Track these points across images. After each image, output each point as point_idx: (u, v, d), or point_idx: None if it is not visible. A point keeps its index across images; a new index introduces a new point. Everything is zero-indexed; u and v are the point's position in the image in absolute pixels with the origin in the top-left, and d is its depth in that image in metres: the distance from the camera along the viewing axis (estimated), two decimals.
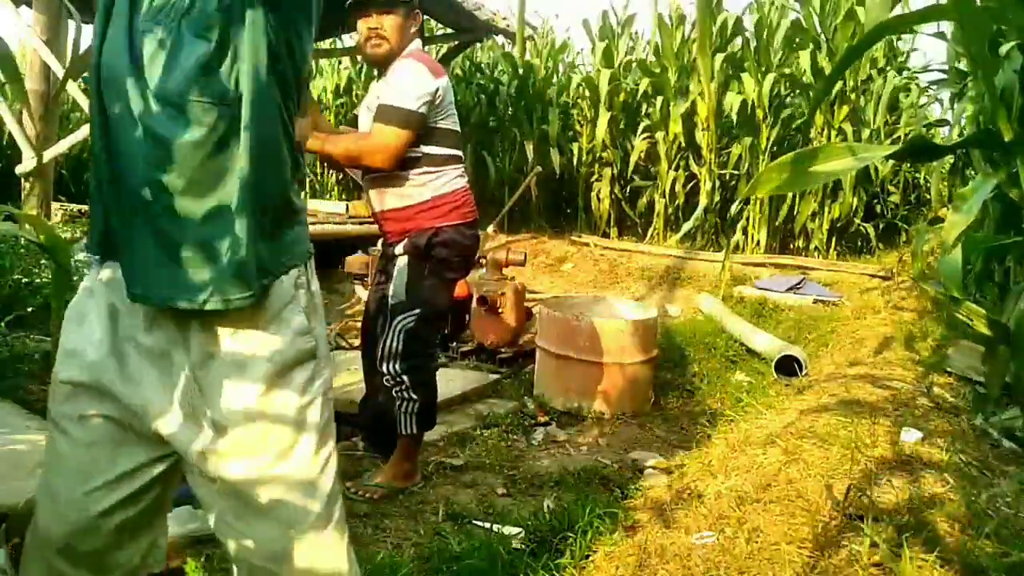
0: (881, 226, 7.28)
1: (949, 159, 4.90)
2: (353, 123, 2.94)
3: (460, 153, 2.72)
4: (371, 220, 3.01)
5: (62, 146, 5.21)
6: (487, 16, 7.20)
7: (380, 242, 2.95)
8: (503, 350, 4.59)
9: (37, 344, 3.72)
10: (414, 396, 2.62)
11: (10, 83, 1.27)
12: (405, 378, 2.61)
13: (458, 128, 2.71)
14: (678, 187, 7.62)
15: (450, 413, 3.61)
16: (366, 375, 2.86)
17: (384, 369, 2.63)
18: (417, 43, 2.65)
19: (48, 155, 4.98)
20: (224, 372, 1.08)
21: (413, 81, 2.51)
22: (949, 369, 3.50)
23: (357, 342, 3.65)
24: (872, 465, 2.30)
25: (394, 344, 2.61)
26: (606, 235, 7.98)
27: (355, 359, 3.43)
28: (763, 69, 7.16)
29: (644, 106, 8.08)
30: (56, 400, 1.14)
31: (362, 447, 3.03)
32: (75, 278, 2.29)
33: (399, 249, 2.63)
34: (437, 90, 2.54)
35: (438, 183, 2.61)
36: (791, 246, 7.35)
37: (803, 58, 6.91)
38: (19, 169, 5.07)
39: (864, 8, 6.23)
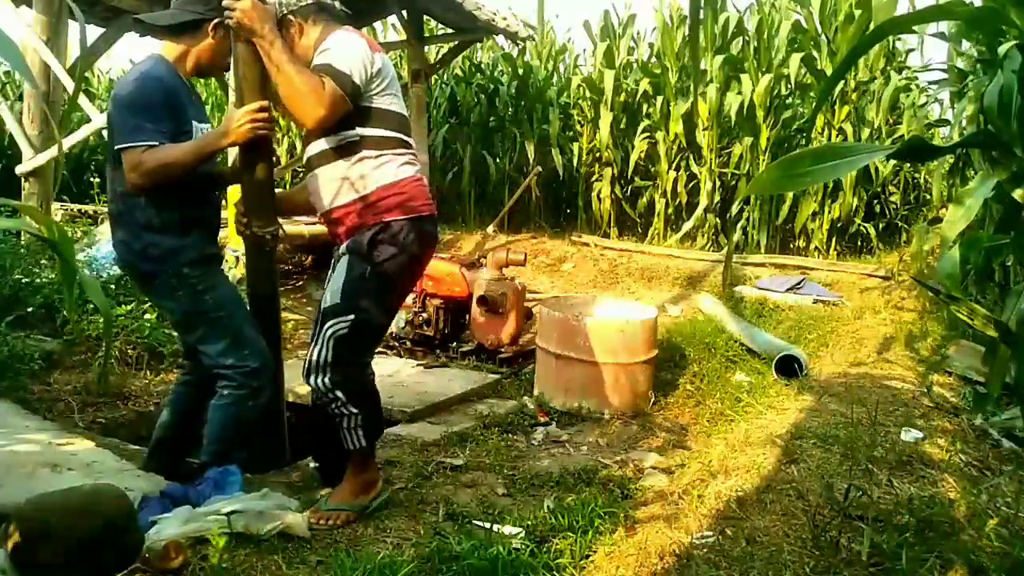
0: (881, 226, 7.27)
1: (949, 159, 4.90)
2: None
3: (405, 137, 2.36)
4: None
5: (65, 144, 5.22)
6: (487, 16, 7.20)
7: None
8: (503, 350, 4.59)
9: (37, 344, 3.72)
10: (353, 410, 2.31)
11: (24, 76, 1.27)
12: (338, 393, 2.28)
13: (403, 111, 2.38)
14: (679, 187, 7.62)
15: (450, 413, 3.61)
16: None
17: (313, 383, 2.30)
18: (339, 32, 2.31)
19: (46, 156, 4.97)
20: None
21: (343, 48, 2.22)
22: (949, 369, 3.50)
23: None
24: (872, 465, 2.30)
25: (323, 354, 2.28)
26: (606, 235, 7.97)
27: None
28: (763, 69, 7.16)
29: (644, 106, 8.08)
30: None
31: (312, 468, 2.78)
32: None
33: (342, 248, 2.34)
34: (374, 62, 2.24)
35: (382, 173, 2.28)
36: (791, 246, 7.35)
37: (793, 60, 6.91)
38: (19, 169, 5.06)
39: (862, 10, 6.22)
